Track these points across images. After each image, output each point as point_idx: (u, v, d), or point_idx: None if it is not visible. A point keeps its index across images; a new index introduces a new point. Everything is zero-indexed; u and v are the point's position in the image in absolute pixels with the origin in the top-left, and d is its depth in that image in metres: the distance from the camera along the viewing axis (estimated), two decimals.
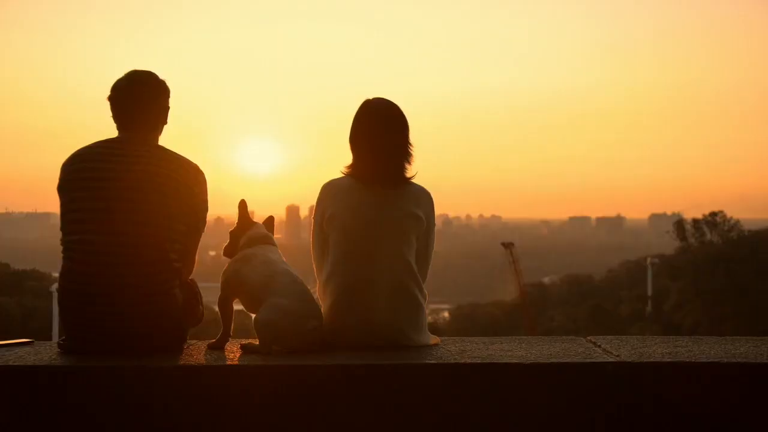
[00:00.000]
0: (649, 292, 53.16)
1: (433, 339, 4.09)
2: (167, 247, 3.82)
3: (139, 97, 3.92)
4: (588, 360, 3.66)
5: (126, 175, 3.80)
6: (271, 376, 3.57)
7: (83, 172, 3.85)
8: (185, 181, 3.87)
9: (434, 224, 4.13)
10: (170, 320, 3.84)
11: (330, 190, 4.03)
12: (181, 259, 3.90)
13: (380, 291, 3.93)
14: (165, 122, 4.01)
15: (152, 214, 3.79)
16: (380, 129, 4.01)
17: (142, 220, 3.78)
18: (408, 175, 4.04)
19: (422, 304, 4.04)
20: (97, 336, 3.78)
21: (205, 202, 3.96)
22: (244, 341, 3.96)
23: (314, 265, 4.09)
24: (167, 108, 4.00)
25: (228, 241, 4.06)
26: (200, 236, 4.00)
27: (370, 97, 4.08)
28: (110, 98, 3.93)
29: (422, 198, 4.06)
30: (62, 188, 3.89)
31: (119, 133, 3.96)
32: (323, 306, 3.99)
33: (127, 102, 3.92)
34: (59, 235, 3.91)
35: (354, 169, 4.03)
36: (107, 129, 4.03)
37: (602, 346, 3.98)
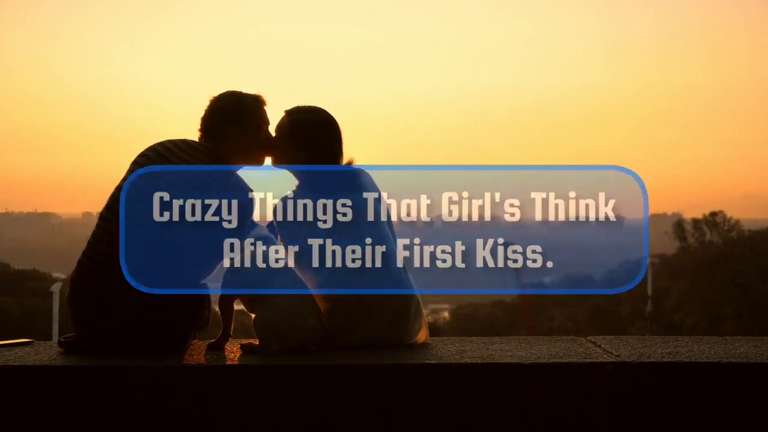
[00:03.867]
0: (649, 292, 53.12)
1: (423, 334, 4.06)
2: None
3: (208, 116, 4.01)
4: (588, 360, 3.66)
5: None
6: (271, 376, 3.57)
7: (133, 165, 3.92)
8: None
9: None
10: (170, 318, 3.84)
11: None
12: None
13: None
14: (239, 143, 4.00)
15: None
16: (334, 139, 4.04)
17: None
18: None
19: (418, 297, 4.05)
20: (96, 335, 3.80)
21: None
22: (244, 341, 3.96)
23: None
24: (241, 130, 4.00)
25: None
26: None
27: (293, 107, 4.07)
28: None
29: (369, 178, 4.05)
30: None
31: None
32: (323, 306, 3.99)
33: (202, 118, 4.03)
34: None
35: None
36: (107, 129, 4.05)
37: (602, 346, 3.98)
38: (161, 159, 3.88)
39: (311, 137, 4.02)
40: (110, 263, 3.78)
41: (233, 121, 3.98)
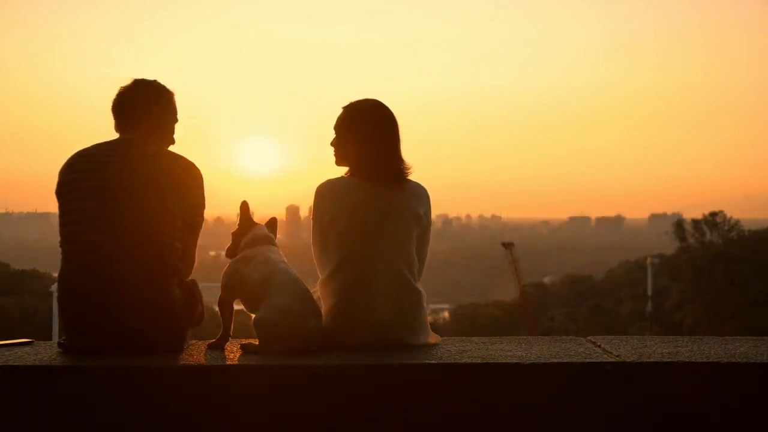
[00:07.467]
0: (649, 292, 53.12)
1: (434, 337, 4.09)
2: (165, 244, 3.84)
3: (131, 102, 4.05)
4: (588, 360, 3.66)
5: (120, 174, 3.84)
6: (271, 376, 3.57)
7: (80, 173, 3.90)
8: (179, 176, 3.90)
9: (431, 222, 4.16)
10: (168, 318, 3.84)
11: (330, 191, 4.03)
12: (180, 256, 3.92)
13: (382, 291, 3.94)
14: (163, 125, 4.10)
15: (148, 212, 3.82)
16: (382, 128, 4.05)
17: (138, 218, 3.81)
18: (407, 172, 4.07)
19: (423, 304, 4.05)
20: (96, 335, 3.80)
21: (201, 197, 3.99)
22: (244, 341, 3.96)
23: (316, 265, 4.11)
24: (164, 111, 4.09)
25: (230, 242, 4.07)
26: (198, 232, 4.03)
27: (355, 100, 4.13)
28: (112, 104, 4.08)
29: (423, 196, 4.10)
30: (60, 192, 3.96)
31: (118, 135, 4.05)
32: (325, 305, 4.00)
33: (121, 106, 4.06)
34: (59, 236, 3.92)
35: (357, 169, 4.04)
36: (106, 129, 4.08)
37: (602, 346, 3.98)
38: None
39: (361, 126, 4.05)
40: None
41: (155, 102, 4.07)
